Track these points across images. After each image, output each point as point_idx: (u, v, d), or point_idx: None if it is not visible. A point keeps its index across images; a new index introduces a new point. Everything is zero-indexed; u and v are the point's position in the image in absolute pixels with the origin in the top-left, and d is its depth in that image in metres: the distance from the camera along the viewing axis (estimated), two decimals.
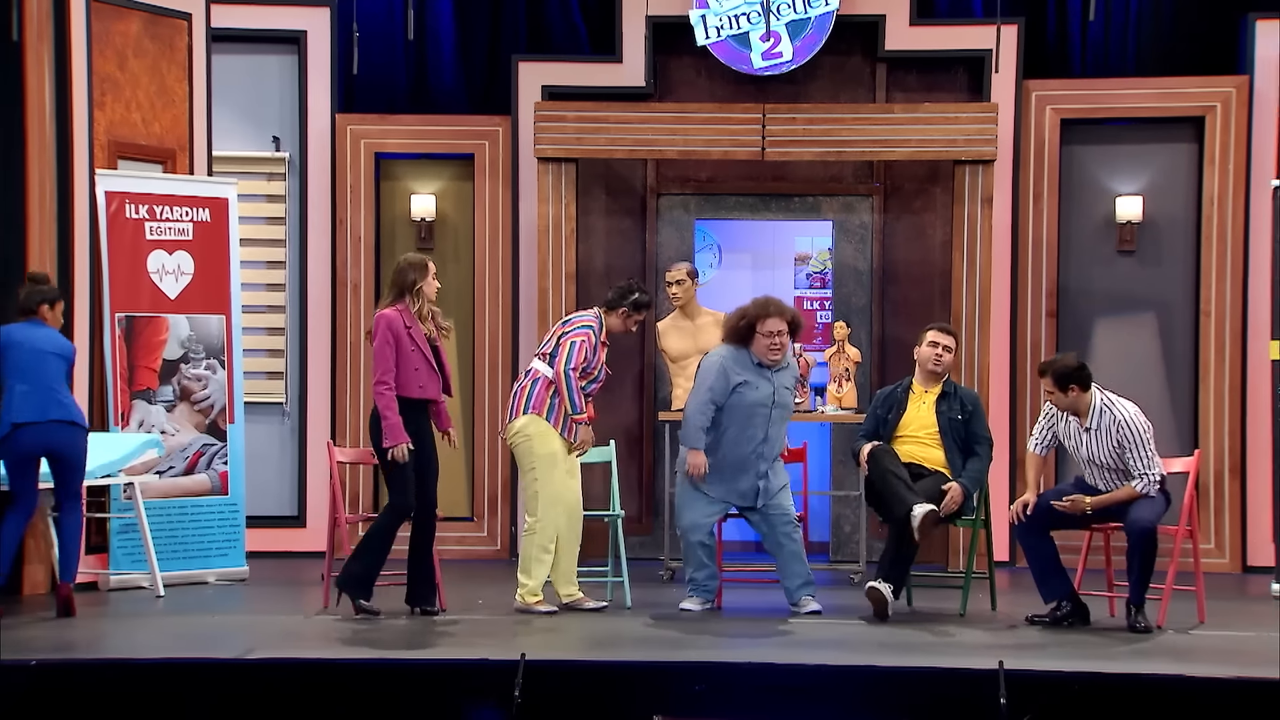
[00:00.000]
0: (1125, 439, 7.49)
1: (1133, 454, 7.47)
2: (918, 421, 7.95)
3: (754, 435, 7.71)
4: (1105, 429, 7.53)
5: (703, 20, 9.98)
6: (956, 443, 7.91)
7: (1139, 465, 7.46)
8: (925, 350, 8.02)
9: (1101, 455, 7.56)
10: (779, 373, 7.80)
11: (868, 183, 10.30)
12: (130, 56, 8.97)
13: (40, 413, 7.46)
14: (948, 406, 7.96)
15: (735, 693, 6.15)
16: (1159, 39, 10.30)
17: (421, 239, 10.30)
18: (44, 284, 7.79)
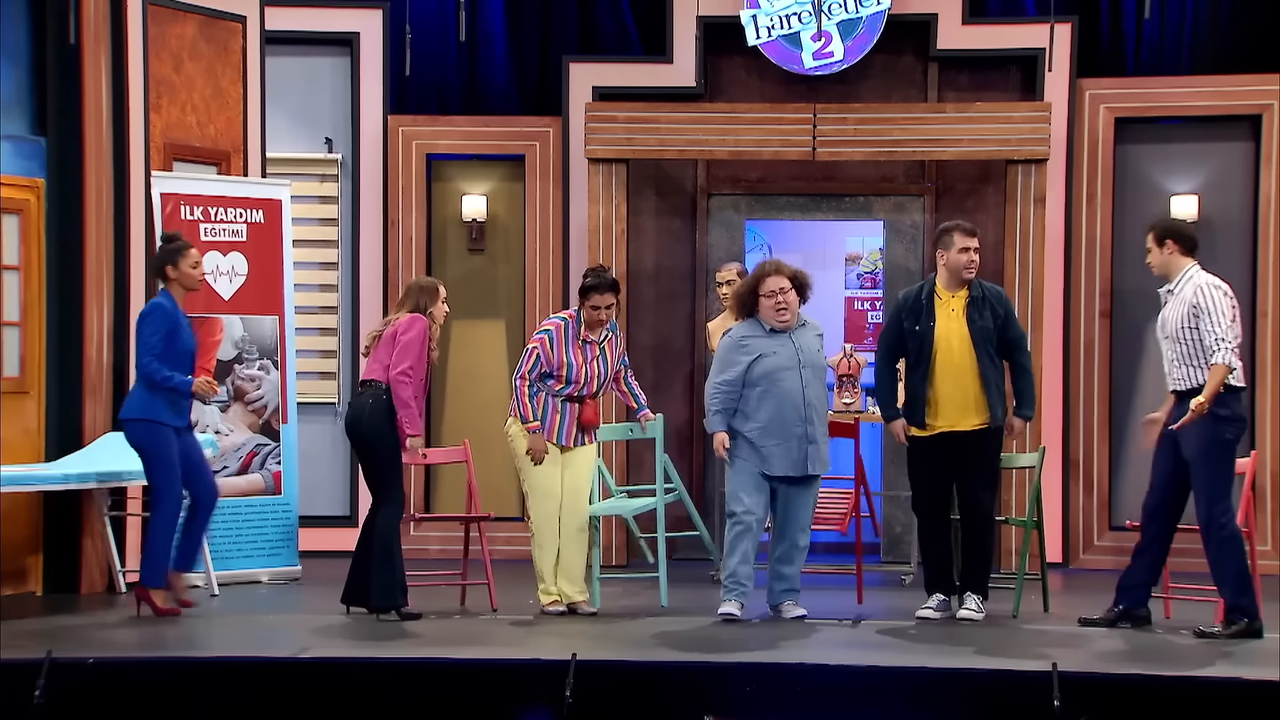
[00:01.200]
0: (1200, 302, 7.17)
1: (1207, 320, 7.15)
2: (950, 336, 7.60)
3: (793, 400, 7.43)
4: (1183, 295, 7.26)
5: (753, 20, 9.96)
6: (989, 353, 7.60)
7: (1214, 330, 7.13)
8: (957, 257, 7.63)
9: (1174, 324, 7.25)
10: (799, 333, 7.55)
11: (919, 183, 10.26)
12: (186, 59, 9.05)
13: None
14: (978, 314, 7.62)
15: (786, 693, 6.15)
16: (1214, 36, 10.20)
17: (472, 240, 10.34)
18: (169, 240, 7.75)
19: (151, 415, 7.48)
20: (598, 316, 7.71)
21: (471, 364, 10.43)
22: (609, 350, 7.81)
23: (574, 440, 7.79)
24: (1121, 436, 10.02)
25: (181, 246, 7.65)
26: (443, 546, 10.07)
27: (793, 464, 7.48)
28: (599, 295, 7.69)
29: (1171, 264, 7.36)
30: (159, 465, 7.52)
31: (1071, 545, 9.90)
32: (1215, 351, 7.16)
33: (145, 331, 7.52)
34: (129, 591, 8.38)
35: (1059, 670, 5.89)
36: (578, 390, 7.73)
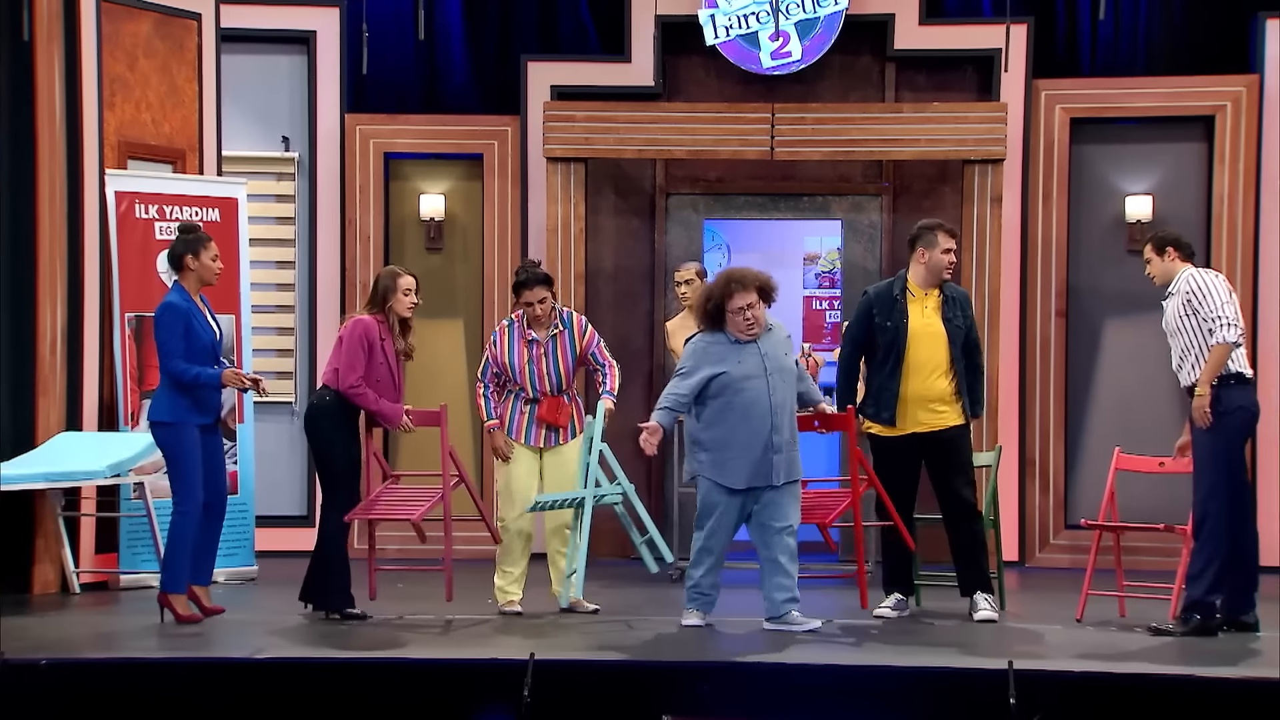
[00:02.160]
0: (1194, 291, 7.20)
1: (1202, 304, 7.16)
2: (925, 333, 7.61)
3: (759, 409, 7.21)
4: (1179, 288, 7.31)
5: (711, 20, 9.98)
6: (959, 350, 7.63)
7: (1212, 311, 7.14)
8: (940, 257, 7.64)
9: (1173, 317, 7.29)
10: (765, 338, 7.31)
11: (877, 182, 10.30)
12: (140, 57, 8.98)
13: None
14: (952, 313, 7.65)
15: (744, 693, 6.15)
16: (1169, 38, 10.28)
17: (431, 239, 10.32)
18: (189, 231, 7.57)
19: (177, 418, 7.34)
20: (533, 312, 7.68)
21: (430, 363, 10.38)
22: (560, 346, 7.76)
23: (544, 440, 7.77)
24: (1077, 435, 10.08)
25: (204, 238, 7.48)
26: (401, 546, 10.05)
27: (757, 475, 7.24)
28: (529, 291, 7.66)
29: (1171, 270, 7.41)
30: (182, 468, 7.36)
31: (1028, 544, 9.96)
32: (1215, 330, 7.15)
33: (162, 334, 7.34)
34: (83, 592, 8.33)
35: (1015, 668, 5.92)
36: (531, 390, 7.72)
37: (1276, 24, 9.81)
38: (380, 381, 7.55)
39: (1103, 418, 10.08)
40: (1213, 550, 7.18)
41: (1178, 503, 9.24)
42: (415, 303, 7.64)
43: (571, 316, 7.86)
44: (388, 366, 7.58)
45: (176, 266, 7.48)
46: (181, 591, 7.39)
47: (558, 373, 7.74)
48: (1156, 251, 7.44)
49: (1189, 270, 7.37)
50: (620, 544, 10.04)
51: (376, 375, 7.53)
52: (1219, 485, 7.19)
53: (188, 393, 7.34)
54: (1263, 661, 6.78)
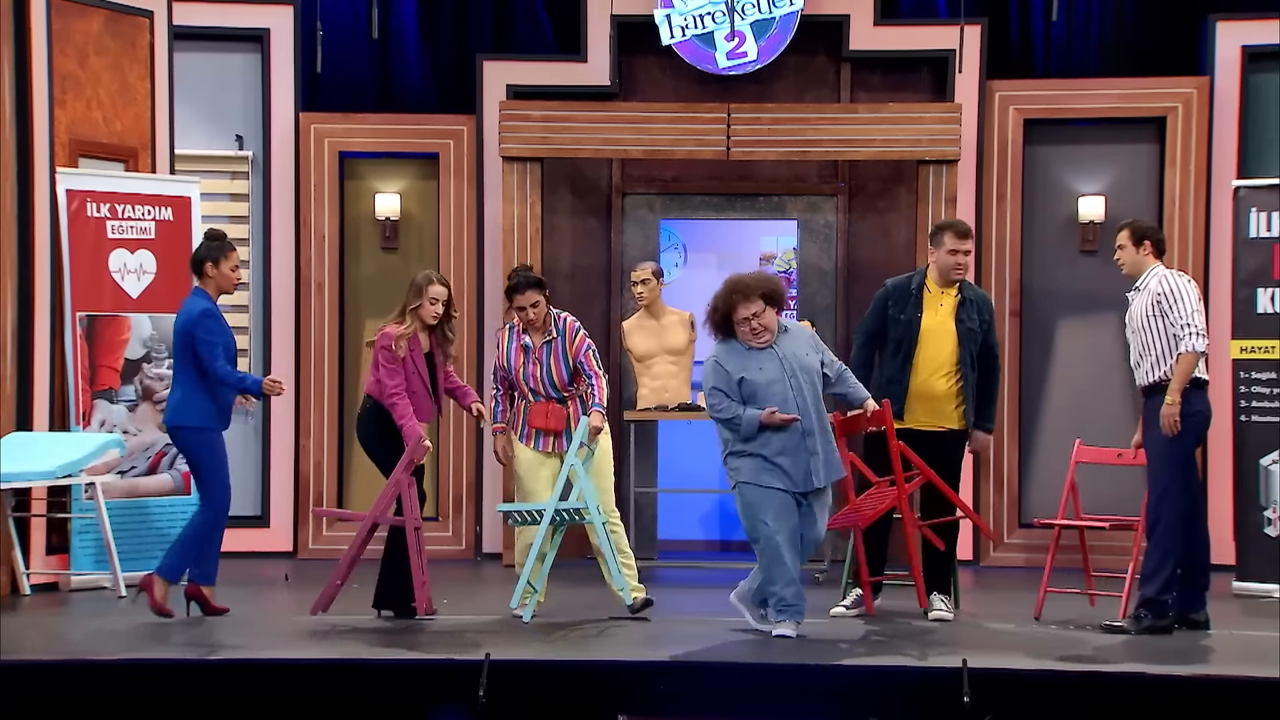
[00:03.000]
0: (1165, 293, 7.22)
1: (1172, 309, 7.18)
2: (939, 332, 7.60)
3: (790, 412, 6.99)
4: (1148, 286, 7.33)
5: (668, 20, 9.98)
6: (971, 355, 7.62)
7: (1181, 317, 7.16)
8: (946, 258, 7.63)
9: (1139, 315, 7.31)
10: (782, 340, 7.11)
11: (832, 182, 10.33)
12: (91, 54, 8.91)
13: None
14: (966, 315, 7.63)
15: (699, 692, 6.16)
16: (1121, 40, 10.36)
17: (386, 238, 10.28)
18: (215, 239, 7.64)
19: (210, 424, 7.46)
20: (525, 316, 7.69)
21: None
22: (554, 353, 7.72)
23: (557, 445, 7.74)
24: (1031, 435, 10.14)
25: (227, 246, 7.57)
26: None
27: (799, 479, 7.02)
28: (520, 295, 7.67)
29: (1142, 264, 7.42)
30: (210, 469, 7.50)
31: (982, 543, 10.00)
32: (1182, 338, 7.18)
33: (204, 335, 7.37)
34: (33, 593, 8.25)
35: (969, 667, 5.94)
36: (531, 395, 7.74)
37: (1226, 27, 9.90)
38: (415, 392, 7.55)
39: (1056, 417, 10.14)
40: (1166, 550, 7.23)
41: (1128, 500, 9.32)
42: (440, 312, 7.58)
43: (565, 323, 7.78)
44: (419, 376, 7.56)
45: (198, 271, 7.56)
46: (213, 583, 7.53)
47: (551, 380, 7.72)
48: (1133, 241, 7.42)
49: (1160, 269, 7.40)
50: (576, 544, 10.04)
51: (412, 386, 7.54)
52: (1173, 487, 7.25)
53: (214, 398, 7.44)
54: (1215, 659, 6.84)
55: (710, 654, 6.68)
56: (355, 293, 10.33)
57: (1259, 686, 6.05)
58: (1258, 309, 8.77)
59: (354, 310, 10.33)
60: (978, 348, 7.69)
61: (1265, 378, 8.72)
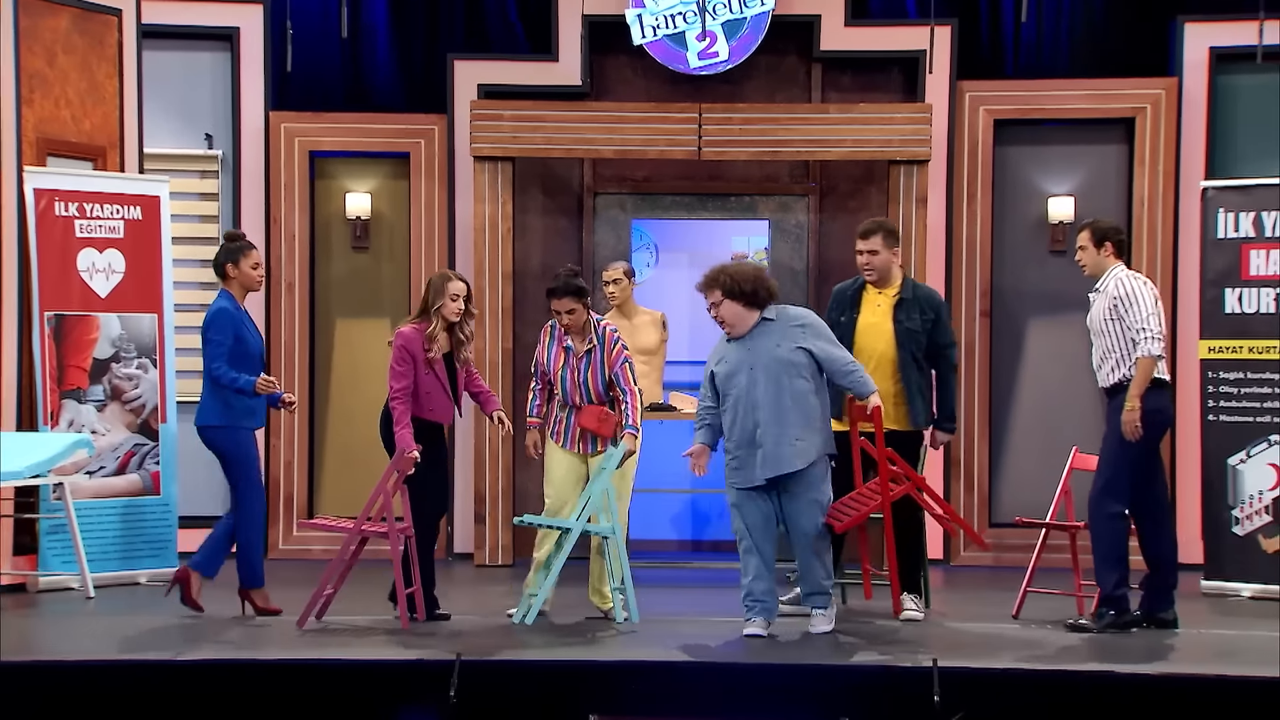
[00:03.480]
0: (1121, 293, 7.29)
1: (1128, 312, 7.25)
2: (872, 332, 7.64)
3: (743, 404, 7.07)
4: (1107, 289, 7.39)
5: (639, 20, 9.98)
6: (914, 354, 7.63)
7: (1138, 321, 7.22)
8: (857, 258, 7.78)
9: (1098, 317, 7.38)
10: (760, 331, 7.14)
11: (803, 182, 10.35)
12: (59, 53, 8.86)
13: None
14: (905, 314, 7.65)
15: (670, 692, 6.16)
16: (1090, 41, 10.41)
17: (356, 238, 10.26)
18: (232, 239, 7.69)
19: (231, 421, 7.51)
20: (561, 321, 7.65)
21: (356, 363, 10.34)
22: (593, 362, 7.66)
23: (585, 446, 7.71)
24: (1001, 435, 10.17)
25: (244, 246, 7.62)
26: (325, 547, 9.98)
27: (749, 475, 7.11)
28: (556, 300, 7.63)
29: (1103, 265, 7.47)
30: (242, 468, 7.57)
31: (952, 542, 10.03)
32: (1139, 342, 7.23)
33: (213, 335, 7.47)
34: (1, 594, 8.20)
35: (939, 666, 5.96)
36: (565, 397, 7.70)
37: (1195, 28, 9.95)
38: (430, 393, 7.50)
39: (1026, 417, 10.18)
40: (1108, 546, 7.29)
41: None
42: (462, 309, 7.51)
43: (605, 332, 7.71)
44: (434, 376, 7.51)
45: (220, 274, 7.62)
46: (261, 585, 7.59)
47: (587, 388, 7.66)
48: (1094, 242, 7.47)
49: (1120, 271, 7.44)
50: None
51: (425, 387, 7.49)
52: (1117, 483, 7.31)
53: (233, 396, 7.46)
54: (1183, 658, 6.88)
55: (681, 654, 6.68)
56: (326, 292, 10.30)
57: (1227, 685, 6.09)
58: (1225, 309, 8.82)
59: (325, 310, 10.30)
60: (921, 348, 7.68)
61: (1233, 377, 8.77)
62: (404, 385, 7.45)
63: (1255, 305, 8.74)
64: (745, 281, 7.14)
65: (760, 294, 7.16)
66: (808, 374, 7.12)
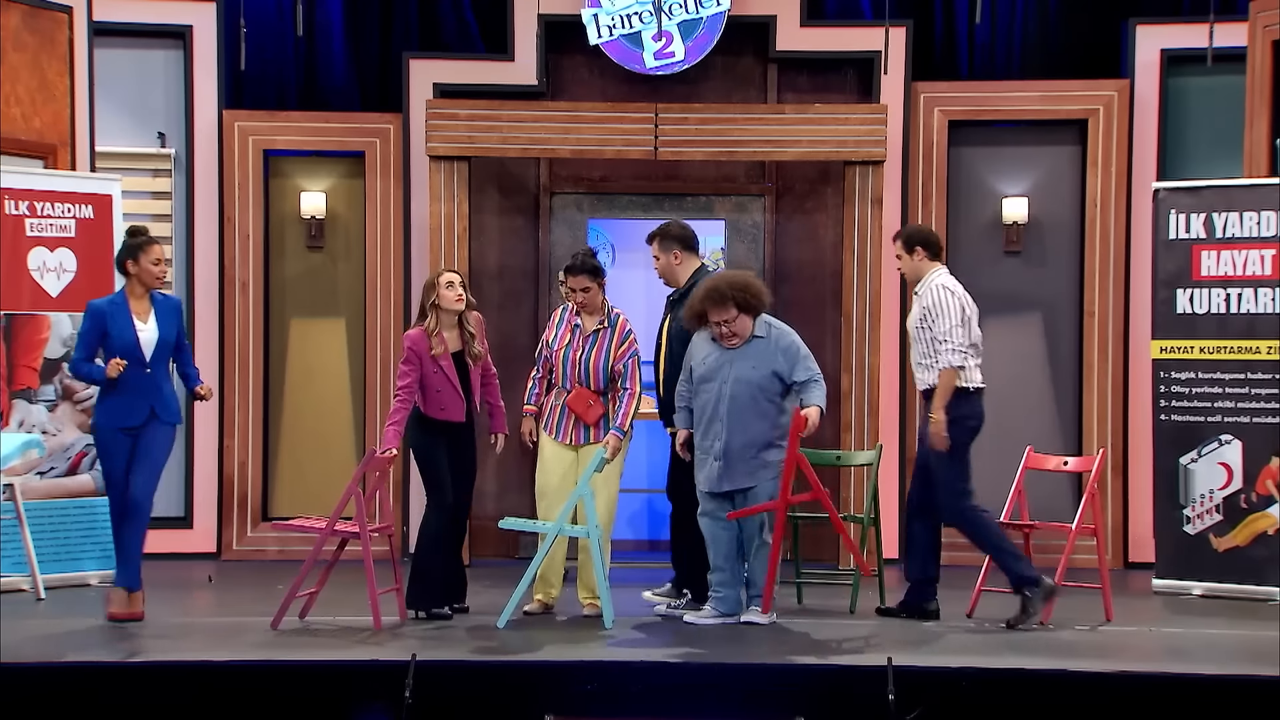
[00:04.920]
0: (930, 307, 7.57)
1: (935, 323, 7.54)
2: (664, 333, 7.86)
3: (707, 413, 7.34)
4: (922, 299, 7.67)
5: (595, 19, 9.98)
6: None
7: (941, 333, 7.51)
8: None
9: (914, 324, 7.68)
10: (750, 348, 7.34)
11: (760, 183, 10.36)
12: (9, 50, 8.78)
13: None
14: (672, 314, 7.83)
15: (626, 692, 6.16)
16: (1044, 42, 10.47)
17: (311, 237, 10.21)
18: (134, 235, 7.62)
19: (102, 421, 7.47)
20: (575, 299, 7.76)
21: (311, 363, 10.29)
22: (599, 343, 7.74)
23: (574, 437, 7.74)
24: None
25: (143, 243, 7.54)
26: (281, 548, 9.94)
27: (707, 479, 7.37)
28: (572, 277, 7.78)
29: (921, 269, 7.74)
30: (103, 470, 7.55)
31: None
32: (940, 354, 7.51)
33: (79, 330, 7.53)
34: None
35: (894, 665, 5.98)
36: (563, 378, 7.74)
37: (1146, 30, 10.03)
38: (440, 390, 7.53)
39: None
40: (987, 535, 7.52)
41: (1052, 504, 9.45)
42: (460, 294, 7.57)
43: (619, 319, 7.83)
44: (443, 375, 7.52)
45: (121, 271, 7.56)
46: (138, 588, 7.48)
47: (587, 368, 7.71)
48: (906, 250, 7.77)
49: (935, 279, 7.69)
50: (505, 543, 10.02)
51: (435, 385, 7.51)
52: (956, 482, 7.53)
53: (113, 397, 7.40)
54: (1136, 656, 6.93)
55: (637, 654, 6.69)
56: (280, 292, 10.24)
57: (1178, 683, 6.14)
58: (1177, 309, 8.89)
59: (279, 309, 10.24)
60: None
61: (1184, 377, 8.84)
62: (405, 384, 7.50)
63: (1206, 306, 8.81)
64: (754, 295, 7.38)
65: (763, 303, 7.42)
66: (777, 397, 7.40)
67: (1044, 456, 8.25)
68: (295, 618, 7.36)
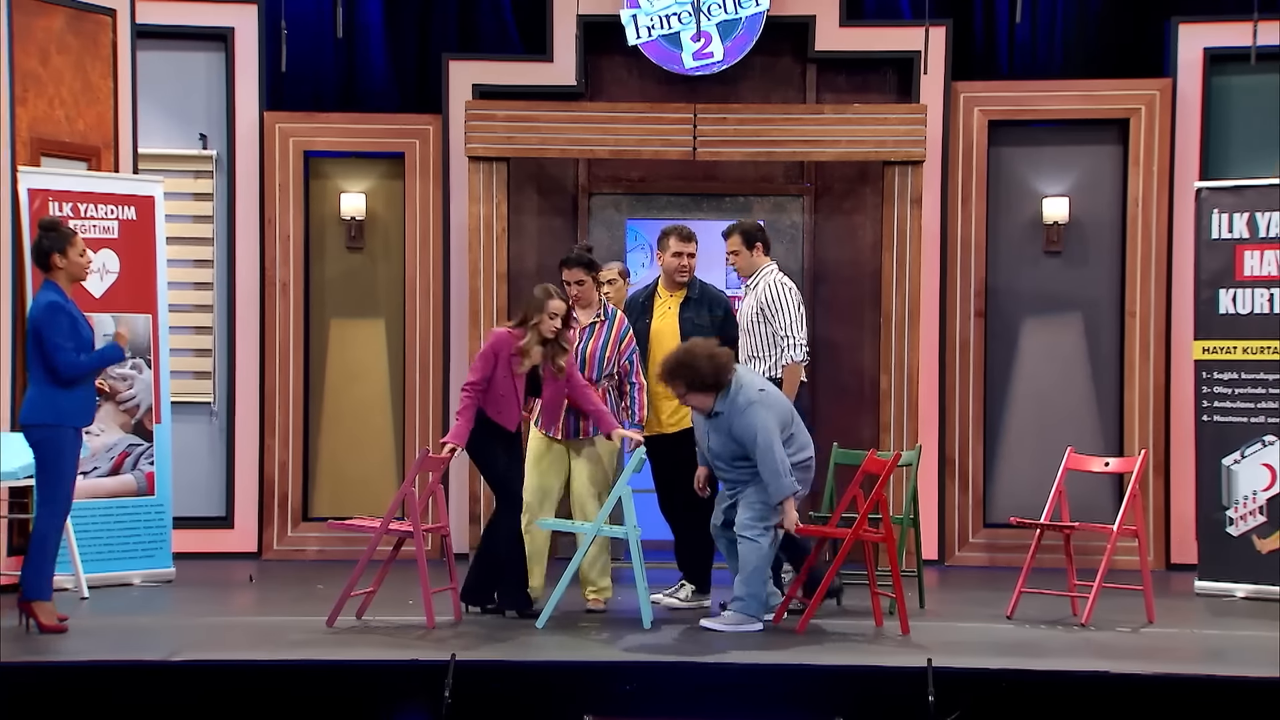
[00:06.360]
0: (768, 302, 7.68)
1: (774, 318, 7.65)
2: (662, 335, 7.97)
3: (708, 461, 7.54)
4: (756, 290, 7.79)
5: (634, 20, 9.98)
6: None
7: (782, 328, 7.62)
8: (671, 260, 8.06)
9: (747, 317, 7.78)
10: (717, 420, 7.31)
11: (798, 183, 10.35)
12: (53, 52, 8.85)
13: None
14: (695, 313, 7.99)
15: (665, 692, 6.17)
16: (1084, 42, 10.42)
17: (351, 238, 10.25)
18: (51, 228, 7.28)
19: (56, 420, 7.17)
20: (570, 292, 7.83)
21: (351, 363, 10.34)
22: (596, 334, 7.82)
23: (566, 432, 7.77)
24: (996, 435, 10.18)
25: (68, 233, 7.25)
26: (320, 548, 9.99)
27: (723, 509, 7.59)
28: (568, 270, 7.87)
29: (756, 264, 7.92)
30: (53, 470, 7.19)
31: (947, 542, 10.04)
32: (784, 349, 7.63)
33: (49, 332, 7.12)
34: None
35: (934, 666, 5.96)
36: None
37: (1189, 29, 9.96)
38: (503, 395, 7.56)
39: (1020, 417, 10.18)
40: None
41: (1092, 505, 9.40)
42: (558, 327, 7.55)
43: (615, 314, 7.95)
44: (510, 382, 7.56)
45: (44, 265, 7.25)
46: (49, 598, 7.21)
47: (583, 357, 7.77)
48: (746, 245, 7.91)
49: (769, 274, 7.83)
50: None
51: (500, 390, 7.55)
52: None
53: (70, 394, 7.18)
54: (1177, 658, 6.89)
55: (676, 654, 6.69)
56: (320, 292, 10.29)
57: (1220, 686, 6.10)
58: (1220, 310, 8.83)
59: (319, 310, 10.29)
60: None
61: (1227, 378, 8.78)
62: (476, 380, 7.55)
63: (1249, 306, 8.75)
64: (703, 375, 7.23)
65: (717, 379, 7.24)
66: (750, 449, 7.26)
67: (1085, 457, 8.20)
68: (352, 616, 7.38)
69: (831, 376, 10.14)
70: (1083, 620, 7.46)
